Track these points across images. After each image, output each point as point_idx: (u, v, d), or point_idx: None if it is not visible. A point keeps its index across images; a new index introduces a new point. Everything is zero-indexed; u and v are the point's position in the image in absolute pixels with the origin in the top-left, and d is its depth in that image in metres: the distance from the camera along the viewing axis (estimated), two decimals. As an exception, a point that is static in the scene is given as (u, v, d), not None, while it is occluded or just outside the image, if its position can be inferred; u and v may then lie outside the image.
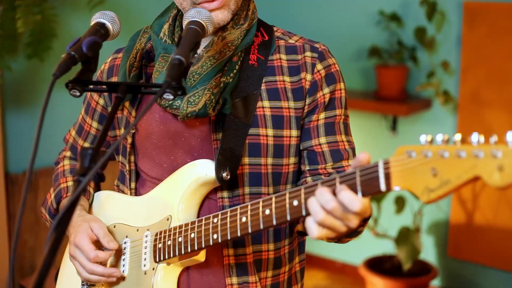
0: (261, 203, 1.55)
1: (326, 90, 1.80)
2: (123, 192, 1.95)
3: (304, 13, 4.63)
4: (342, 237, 1.60)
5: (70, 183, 2.01)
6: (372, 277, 4.11)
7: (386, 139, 4.43)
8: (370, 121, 4.47)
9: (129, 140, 1.89)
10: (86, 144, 2.05)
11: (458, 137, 1.25)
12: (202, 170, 1.74)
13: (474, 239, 4.11)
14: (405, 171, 1.30)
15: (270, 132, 1.77)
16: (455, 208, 4.14)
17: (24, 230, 3.80)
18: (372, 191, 1.36)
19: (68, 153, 2.13)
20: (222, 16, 1.71)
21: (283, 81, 1.80)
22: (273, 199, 1.52)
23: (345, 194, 1.38)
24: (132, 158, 1.90)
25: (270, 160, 1.78)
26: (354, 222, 1.42)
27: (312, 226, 1.44)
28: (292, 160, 1.82)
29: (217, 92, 1.72)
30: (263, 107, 1.78)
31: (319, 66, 1.80)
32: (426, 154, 1.28)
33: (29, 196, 3.80)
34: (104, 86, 1.55)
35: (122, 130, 1.93)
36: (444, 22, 4.10)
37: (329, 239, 1.57)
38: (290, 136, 1.79)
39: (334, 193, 1.41)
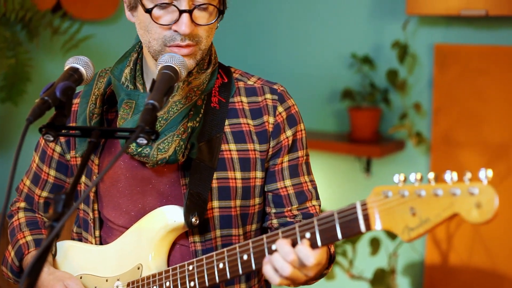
0: (238, 248, 1.55)
1: (289, 132, 1.84)
2: (86, 240, 1.92)
3: (277, 55, 4.67)
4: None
5: (29, 238, 1.96)
6: (348, 319, 4.09)
7: (360, 180, 4.45)
8: (344, 163, 4.49)
9: (93, 189, 1.87)
10: (44, 194, 2.02)
11: (431, 175, 1.26)
12: (171, 217, 1.73)
13: (449, 279, 4.11)
14: (385, 211, 1.32)
15: (238, 175, 1.79)
16: (430, 249, 4.15)
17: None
18: (352, 233, 1.38)
19: (22, 204, 2.08)
20: (188, 63, 1.70)
21: (247, 124, 1.82)
22: (250, 244, 1.53)
23: (301, 248, 1.44)
24: (96, 206, 1.88)
25: (238, 202, 1.80)
26: (311, 272, 1.48)
27: (272, 275, 1.49)
28: (257, 200, 1.84)
29: (186, 137, 1.73)
30: (230, 150, 1.79)
31: (280, 109, 1.83)
32: (403, 194, 1.29)
33: (2, 241, 3.75)
34: (78, 131, 1.54)
35: (82, 177, 1.89)
36: (416, 64, 4.16)
37: (295, 284, 1.60)
38: (255, 178, 1.82)
39: (293, 244, 1.46)
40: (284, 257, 1.45)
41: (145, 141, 1.40)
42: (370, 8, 4.30)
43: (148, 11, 1.68)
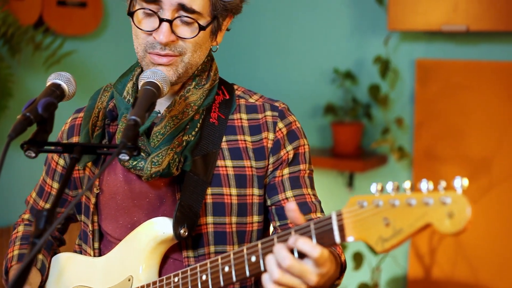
0: (220, 260, 1.54)
1: (289, 147, 1.83)
2: (85, 252, 1.93)
3: (260, 70, 4.68)
4: None
5: (15, 252, 1.97)
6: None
7: (343, 195, 4.46)
8: (326, 178, 4.50)
9: (93, 200, 1.88)
10: (48, 206, 2.02)
11: (407, 184, 1.25)
12: (160, 228, 1.73)
13: (432, 294, 4.12)
14: (358, 221, 1.30)
15: (234, 191, 1.78)
16: (413, 263, 4.16)
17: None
18: (328, 243, 1.36)
19: (26, 216, 2.10)
20: (166, 73, 1.70)
21: (244, 140, 1.81)
22: (231, 256, 1.51)
23: (302, 242, 1.36)
24: (96, 218, 1.89)
25: (234, 219, 1.79)
26: (312, 279, 1.39)
27: (268, 285, 1.41)
28: (256, 218, 1.82)
29: (180, 151, 1.74)
30: (225, 167, 1.79)
31: (280, 125, 1.83)
32: (378, 204, 1.27)
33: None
34: (60, 147, 1.54)
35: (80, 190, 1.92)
36: (398, 79, 4.18)
37: None
38: (252, 195, 1.80)
39: (291, 250, 1.39)
40: (280, 262, 1.39)
41: (127, 157, 1.40)
42: (352, 24, 4.33)
43: (130, 14, 1.71)
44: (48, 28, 3.91)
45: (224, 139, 1.81)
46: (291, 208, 1.42)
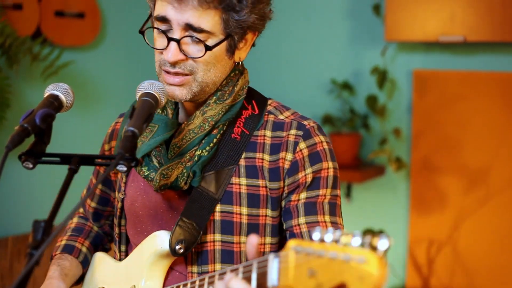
0: (197, 281, 1.56)
1: (309, 170, 1.74)
2: (115, 253, 1.96)
3: (257, 81, 4.68)
4: None
5: (63, 242, 2.03)
6: None
7: (341, 206, 4.45)
8: (324, 188, 4.49)
9: (119, 204, 1.91)
10: (93, 204, 2.07)
11: (338, 233, 1.15)
12: (160, 242, 1.73)
13: (430, 304, 4.12)
14: (287, 269, 1.22)
15: (245, 210, 1.74)
16: (411, 274, 4.15)
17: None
18: (265, 286, 1.29)
19: (81, 210, 2.16)
20: (179, 93, 1.70)
21: (262, 159, 1.76)
22: (197, 282, 1.53)
23: (234, 282, 1.34)
24: (123, 222, 1.91)
25: (243, 239, 1.74)
26: None
27: None
28: (269, 240, 1.77)
29: (190, 165, 1.72)
30: (239, 184, 1.75)
31: (302, 145, 1.75)
32: (308, 252, 1.17)
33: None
34: (58, 158, 1.54)
35: (116, 192, 1.95)
36: (395, 90, 4.19)
37: None
38: (266, 216, 1.75)
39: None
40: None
41: (125, 168, 1.40)
42: (349, 35, 4.34)
43: (141, 32, 1.73)
44: (46, 39, 3.91)
45: (243, 155, 1.76)
46: (252, 243, 1.38)
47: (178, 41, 1.66)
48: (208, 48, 1.67)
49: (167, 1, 1.65)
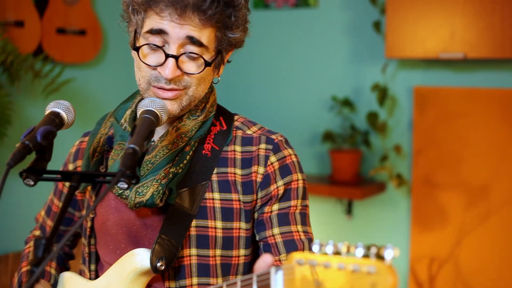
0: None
1: (280, 182, 1.80)
2: (84, 272, 1.94)
3: (258, 98, 4.70)
4: None
5: (29, 267, 1.98)
6: None
7: (342, 223, 4.45)
8: (325, 205, 4.50)
9: (89, 223, 1.89)
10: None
11: (341, 245, 1.17)
12: (139, 260, 1.73)
13: (432, 321, 4.10)
14: (292, 281, 1.23)
15: (219, 224, 1.77)
16: (412, 291, 4.14)
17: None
18: None
19: (37, 232, 2.12)
20: (171, 107, 1.71)
21: (234, 173, 1.80)
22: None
23: None
24: (92, 241, 1.90)
25: (218, 252, 1.77)
26: None
27: None
28: (243, 252, 1.81)
29: (165, 183, 1.73)
30: (213, 199, 1.78)
31: (272, 159, 1.80)
32: (312, 263, 1.20)
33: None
34: (59, 176, 1.54)
35: (84, 212, 1.94)
36: (396, 106, 4.19)
37: None
38: (239, 228, 1.79)
39: None
40: None
41: (125, 185, 1.40)
42: (350, 52, 4.35)
43: (136, 48, 1.70)
44: (47, 56, 3.93)
45: (215, 171, 1.79)
46: (267, 261, 1.38)
47: (177, 58, 1.67)
48: (207, 64, 1.70)
49: (165, 15, 1.65)
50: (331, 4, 4.41)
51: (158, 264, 1.69)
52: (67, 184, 1.99)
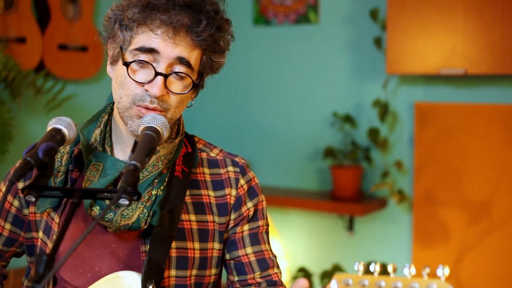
0: None
1: (250, 204, 1.88)
2: None
3: (259, 114, 4.70)
4: None
5: None
6: None
7: (343, 239, 4.44)
8: (326, 222, 4.49)
9: (50, 245, 1.83)
10: None
11: (390, 268, 1.23)
12: (128, 283, 1.71)
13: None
14: None
15: (197, 245, 1.80)
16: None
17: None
18: None
19: None
20: None
21: (208, 195, 1.84)
22: None
23: None
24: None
25: (194, 272, 1.80)
26: None
27: None
28: (214, 271, 1.86)
29: (150, 205, 1.73)
30: (189, 221, 1.81)
31: (242, 181, 1.87)
32: (364, 284, 1.25)
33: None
34: (60, 192, 1.53)
35: (40, 233, 1.85)
36: (396, 122, 4.20)
37: None
38: (213, 249, 1.83)
39: None
40: None
41: (127, 202, 1.39)
42: (350, 68, 4.36)
43: (127, 64, 1.69)
44: (49, 72, 3.94)
45: (188, 192, 1.82)
46: (303, 286, 1.46)
47: (166, 76, 1.67)
48: (195, 85, 1.72)
49: (159, 33, 1.66)
50: (332, 21, 4.42)
51: (150, 287, 1.69)
52: (15, 204, 1.91)
